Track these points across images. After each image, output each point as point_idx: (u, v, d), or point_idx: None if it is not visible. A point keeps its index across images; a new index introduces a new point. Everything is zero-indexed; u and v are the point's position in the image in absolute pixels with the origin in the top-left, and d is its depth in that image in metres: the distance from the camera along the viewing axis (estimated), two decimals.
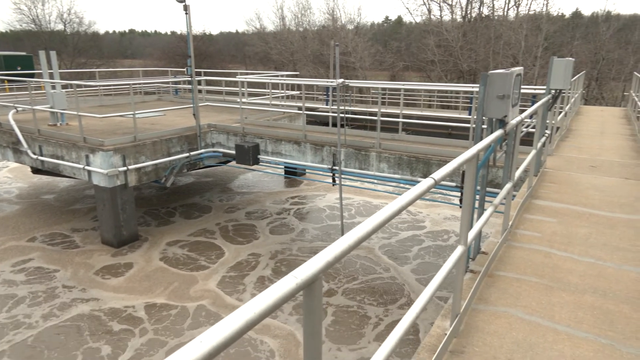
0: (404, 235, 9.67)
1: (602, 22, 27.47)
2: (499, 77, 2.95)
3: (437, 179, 1.80)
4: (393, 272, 8.03)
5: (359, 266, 8.22)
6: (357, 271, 8.02)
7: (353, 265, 8.22)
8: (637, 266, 3.32)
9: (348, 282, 7.63)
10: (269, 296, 0.93)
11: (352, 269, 8.11)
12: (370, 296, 7.21)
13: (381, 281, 7.69)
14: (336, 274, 7.89)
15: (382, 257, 8.58)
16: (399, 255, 8.70)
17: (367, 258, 8.54)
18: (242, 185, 13.29)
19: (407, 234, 9.75)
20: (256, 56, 38.36)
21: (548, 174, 5.82)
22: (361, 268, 8.14)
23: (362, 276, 7.85)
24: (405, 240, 9.42)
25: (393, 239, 9.42)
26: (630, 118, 11.48)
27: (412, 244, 9.20)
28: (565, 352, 2.35)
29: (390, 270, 8.10)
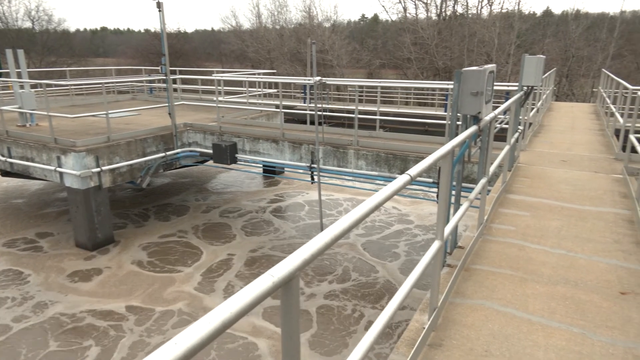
0: (393, 229, 9.76)
1: (571, 21, 28.25)
2: (472, 75, 3.00)
3: (412, 175, 1.82)
4: (381, 269, 8.09)
5: (350, 263, 8.26)
6: (347, 269, 8.06)
7: (340, 263, 8.25)
8: (607, 257, 3.43)
9: (339, 282, 7.65)
10: (245, 295, 0.93)
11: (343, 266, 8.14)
12: (357, 296, 7.25)
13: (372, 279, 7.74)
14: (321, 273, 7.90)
15: (376, 254, 8.63)
16: (383, 252, 8.77)
17: (356, 258, 8.59)
18: (219, 185, 13.17)
19: (396, 228, 9.84)
20: (232, 54, 38.03)
21: (521, 169, 5.95)
22: (351, 264, 8.18)
23: (355, 274, 7.89)
24: (390, 235, 9.50)
25: (386, 234, 9.49)
26: (599, 114, 11.84)
27: (399, 239, 9.29)
28: (539, 342, 2.41)
29: (379, 268, 8.16)
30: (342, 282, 7.56)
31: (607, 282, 3.05)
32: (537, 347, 2.37)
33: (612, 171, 5.91)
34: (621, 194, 4.94)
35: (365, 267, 8.11)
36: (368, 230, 9.77)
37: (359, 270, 7.98)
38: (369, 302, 7.00)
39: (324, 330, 6.28)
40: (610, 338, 2.45)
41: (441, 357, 2.30)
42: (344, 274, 7.84)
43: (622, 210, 4.45)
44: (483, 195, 3.77)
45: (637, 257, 3.44)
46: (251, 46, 33.87)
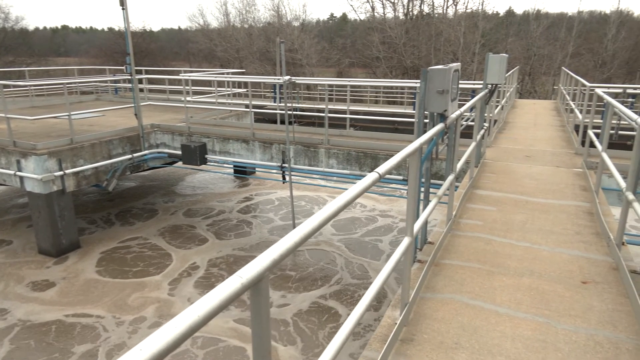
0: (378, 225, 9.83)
1: (532, 20, 29.20)
2: (438, 73, 3.05)
3: (381, 173, 1.84)
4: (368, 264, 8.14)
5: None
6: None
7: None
8: (569, 248, 3.57)
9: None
10: (213, 298, 0.91)
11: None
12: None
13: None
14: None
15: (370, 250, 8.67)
16: (365, 249, 8.83)
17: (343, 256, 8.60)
18: (189, 186, 12.95)
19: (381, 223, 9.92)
20: (200, 53, 37.43)
21: (488, 165, 6.11)
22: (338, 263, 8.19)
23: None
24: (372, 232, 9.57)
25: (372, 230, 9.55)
26: (559, 110, 12.29)
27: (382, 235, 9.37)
28: (506, 333, 2.48)
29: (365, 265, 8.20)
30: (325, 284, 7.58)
31: (569, 273, 3.17)
32: (505, 337, 2.44)
33: (572, 165, 6.14)
34: (581, 187, 5.14)
35: (350, 265, 8.15)
36: (349, 229, 9.82)
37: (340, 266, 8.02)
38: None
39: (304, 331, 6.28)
40: (573, 326, 2.54)
41: (413, 352, 2.33)
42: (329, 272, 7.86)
43: (582, 202, 4.63)
44: (451, 191, 3.85)
45: (597, 247, 3.58)
46: (219, 45, 33.43)
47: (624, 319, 2.61)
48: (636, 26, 30.88)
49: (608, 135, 4.58)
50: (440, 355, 2.30)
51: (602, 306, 2.75)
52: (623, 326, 2.54)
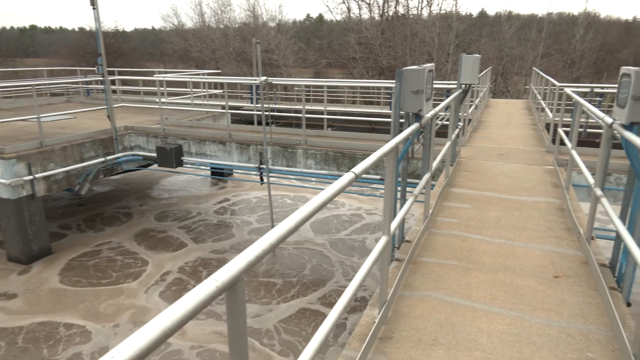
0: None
1: (504, 22, 29.87)
2: (412, 74, 3.09)
3: (357, 173, 1.85)
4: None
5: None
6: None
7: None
8: (541, 244, 3.66)
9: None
10: (187, 302, 0.90)
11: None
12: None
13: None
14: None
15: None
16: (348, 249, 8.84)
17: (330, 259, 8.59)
18: (165, 189, 12.74)
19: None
20: (175, 54, 36.90)
21: (463, 163, 6.22)
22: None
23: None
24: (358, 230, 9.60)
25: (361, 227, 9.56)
26: (531, 109, 12.59)
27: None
28: (482, 328, 2.53)
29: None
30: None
31: (542, 267, 3.26)
32: (481, 332, 2.49)
33: (544, 163, 6.30)
34: (552, 184, 5.28)
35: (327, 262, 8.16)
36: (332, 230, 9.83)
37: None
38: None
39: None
40: (546, 319, 2.61)
41: (392, 349, 2.35)
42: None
43: (553, 199, 4.76)
44: (427, 190, 3.90)
45: (568, 242, 3.69)
46: (195, 46, 33.02)
47: (594, 311, 2.70)
48: (603, 27, 31.96)
49: (577, 133, 4.72)
50: (418, 352, 2.33)
51: (573, 299, 2.83)
52: (593, 318, 2.62)
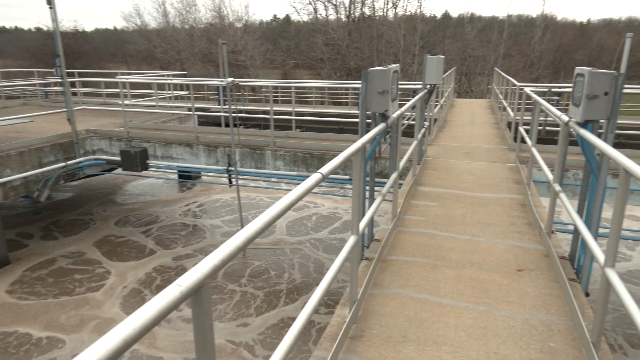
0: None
1: (467, 23, 30.67)
2: (378, 74, 3.13)
3: (324, 174, 1.85)
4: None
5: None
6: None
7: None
8: (505, 239, 3.77)
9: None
10: (150, 309, 0.88)
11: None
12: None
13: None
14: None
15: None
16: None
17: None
18: (130, 194, 12.41)
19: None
20: (139, 55, 35.99)
21: (429, 162, 6.34)
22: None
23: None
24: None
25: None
26: (494, 108, 12.97)
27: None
28: (450, 323, 2.58)
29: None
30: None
31: (506, 262, 3.36)
32: (449, 327, 2.54)
33: (506, 160, 6.50)
34: (515, 181, 5.45)
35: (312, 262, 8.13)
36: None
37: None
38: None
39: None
40: (510, 312, 2.69)
41: (362, 348, 2.37)
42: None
43: (516, 195, 4.91)
44: (395, 189, 3.95)
45: (530, 236, 3.82)
46: (159, 46, 32.29)
47: (555, 302, 2.80)
48: (559, 29, 33.29)
49: (537, 132, 4.89)
50: (388, 349, 2.35)
51: (535, 292, 2.93)
52: (554, 309, 2.72)
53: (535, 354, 2.30)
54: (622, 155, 2.03)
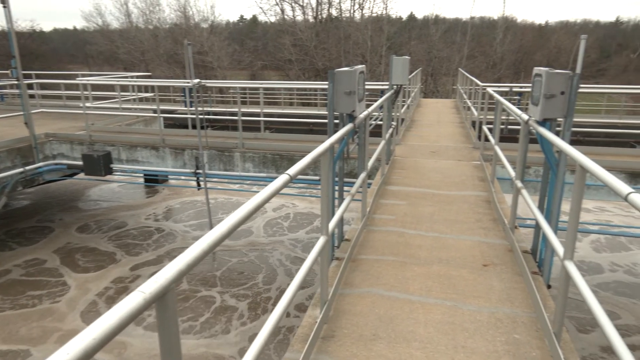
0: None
1: (431, 25, 31.31)
2: (344, 75, 3.15)
3: (292, 175, 1.85)
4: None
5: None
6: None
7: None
8: (471, 235, 3.87)
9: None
10: (111, 317, 0.85)
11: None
12: None
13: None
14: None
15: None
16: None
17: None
18: (94, 200, 12.02)
19: None
20: (101, 56, 34.93)
21: (397, 162, 6.43)
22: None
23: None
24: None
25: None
26: (459, 108, 13.29)
27: None
28: (419, 319, 2.63)
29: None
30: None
31: (472, 257, 3.44)
32: (418, 323, 2.58)
33: (471, 158, 6.67)
34: (479, 178, 5.60)
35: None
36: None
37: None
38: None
39: None
40: (477, 306, 2.76)
41: (334, 347, 2.38)
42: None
43: (481, 192, 5.05)
44: (364, 189, 3.98)
45: (495, 232, 3.93)
46: (122, 47, 31.41)
47: (519, 295, 2.89)
48: (519, 31, 34.46)
49: (499, 130, 5.05)
50: (359, 348, 2.37)
51: (500, 285, 3.02)
52: (519, 302, 2.81)
53: (501, 346, 2.37)
54: (578, 152, 2.12)
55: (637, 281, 7.84)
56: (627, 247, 9.14)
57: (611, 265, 8.37)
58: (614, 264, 8.45)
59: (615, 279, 7.91)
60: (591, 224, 10.04)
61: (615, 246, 9.17)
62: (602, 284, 7.74)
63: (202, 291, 7.30)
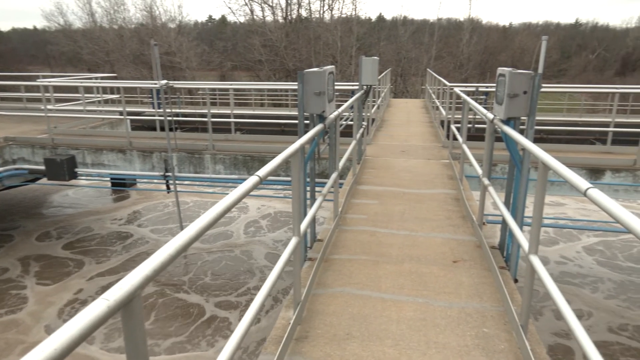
0: None
1: (400, 26, 31.77)
2: (313, 76, 3.15)
3: (262, 176, 1.84)
4: None
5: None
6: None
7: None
8: (441, 232, 3.94)
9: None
10: (73, 326, 0.82)
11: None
12: None
13: None
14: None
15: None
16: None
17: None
18: (59, 205, 11.61)
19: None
20: (63, 56, 33.80)
21: (369, 161, 6.49)
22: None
23: None
24: None
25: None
26: (428, 108, 13.52)
27: None
28: (391, 317, 2.66)
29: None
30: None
31: (442, 254, 3.51)
32: (391, 321, 2.61)
33: (440, 157, 6.80)
34: (448, 176, 5.72)
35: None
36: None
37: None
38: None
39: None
40: (448, 302, 2.82)
41: (307, 348, 2.37)
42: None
43: (450, 190, 5.15)
44: (336, 189, 4.00)
45: (464, 229, 4.01)
46: (85, 47, 30.47)
47: (487, 290, 2.97)
48: (485, 32, 35.39)
49: (466, 129, 5.16)
50: (333, 348, 2.37)
51: (470, 281, 3.08)
52: (487, 296, 2.88)
53: (471, 340, 2.42)
54: (541, 150, 2.19)
55: (582, 271, 8.18)
56: (577, 238, 9.55)
57: (560, 257, 8.72)
58: (562, 256, 8.80)
59: (563, 269, 8.25)
60: (551, 218, 10.41)
61: (564, 237, 9.55)
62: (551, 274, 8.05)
63: (174, 295, 7.17)
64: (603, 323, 6.63)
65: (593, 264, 8.48)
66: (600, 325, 6.59)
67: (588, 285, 7.71)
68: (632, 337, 6.31)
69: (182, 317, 6.59)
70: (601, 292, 7.49)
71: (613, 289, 7.59)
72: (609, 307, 7.06)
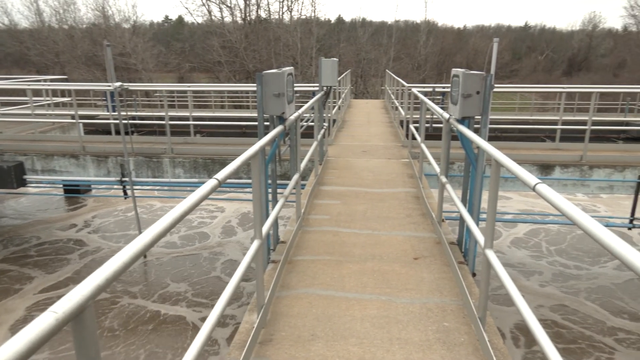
0: None
1: (359, 28, 32.18)
2: (272, 77, 3.14)
3: (220, 179, 1.81)
4: None
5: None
6: None
7: None
8: (402, 230, 4.01)
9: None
10: (17, 342, 0.77)
11: None
12: None
13: None
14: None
15: None
16: None
17: None
18: (7, 215, 10.99)
19: None
20: (9, 58, 32.03)
21: (331, 162, 6.52)
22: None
23: None
24: None
25: None
26: (387, 108, 13.76)
27: None
28: (355, 315, 2.68)
29: None
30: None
31: (404, 252, 3.57)
32: (355, 320, 2.63)
33: (400, 157, 6.93)
34: (409, 175, 5.83)
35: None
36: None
37: None
38: None
39: None
40: (410, 298, 2.87)
41: (272, 351, 2.36)
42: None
43: (410, 189, 5.26)
44: (298, 190, 3.99)
45: (424, 226, 4.11)
46: (33, 48, 29.04)
47: (447, 284, 3.05)
48: (441, 34, 36.41)
49: (425, 129, 5.29)
50: (298, 349, 2.37)
51: (430, 277, 3.16)
52: (447, 291, 2.96)
53: (433, 335, 2.48)
54: (493, 148, 2.28)
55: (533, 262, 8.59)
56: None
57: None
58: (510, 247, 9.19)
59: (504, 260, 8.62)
60: (509, 213, 10.83)
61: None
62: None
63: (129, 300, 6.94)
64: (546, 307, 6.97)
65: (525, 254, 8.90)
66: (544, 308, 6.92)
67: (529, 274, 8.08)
68: (565, 318, 6.67)
69: (142, 325, 6.40)
70: (536, 280, 7.88)
71: (549, 277, 7.99)
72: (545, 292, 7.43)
